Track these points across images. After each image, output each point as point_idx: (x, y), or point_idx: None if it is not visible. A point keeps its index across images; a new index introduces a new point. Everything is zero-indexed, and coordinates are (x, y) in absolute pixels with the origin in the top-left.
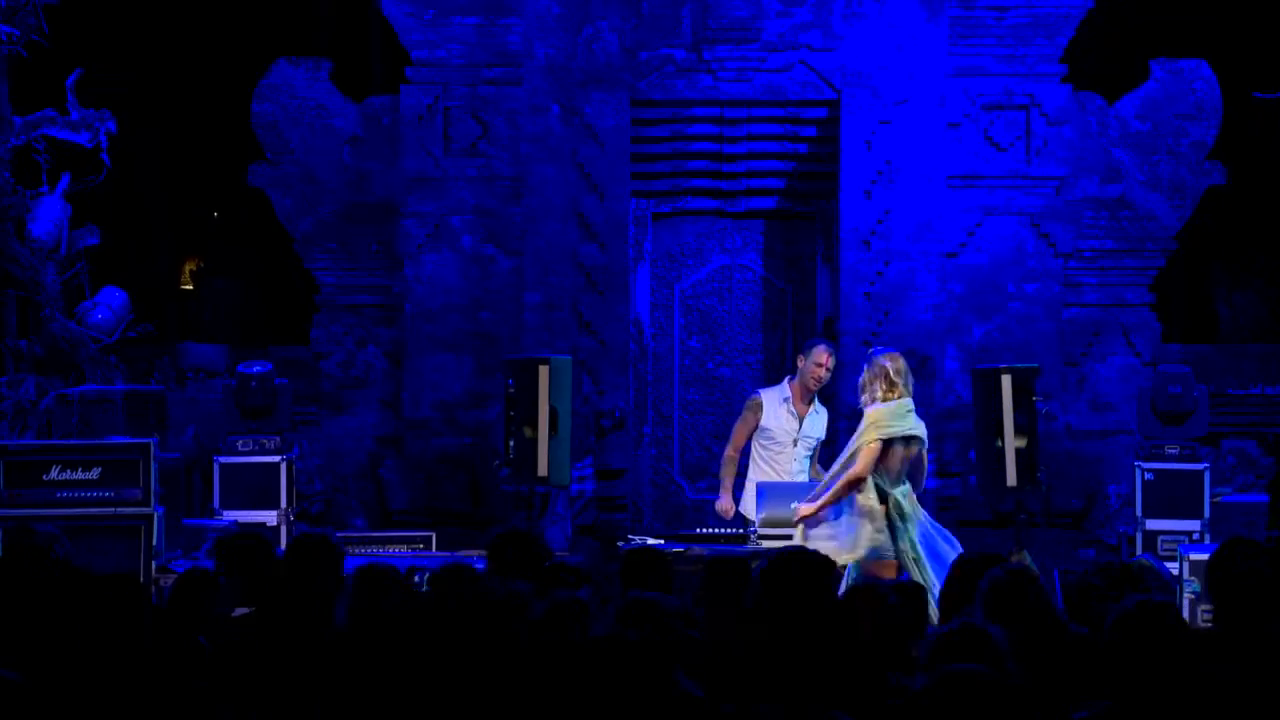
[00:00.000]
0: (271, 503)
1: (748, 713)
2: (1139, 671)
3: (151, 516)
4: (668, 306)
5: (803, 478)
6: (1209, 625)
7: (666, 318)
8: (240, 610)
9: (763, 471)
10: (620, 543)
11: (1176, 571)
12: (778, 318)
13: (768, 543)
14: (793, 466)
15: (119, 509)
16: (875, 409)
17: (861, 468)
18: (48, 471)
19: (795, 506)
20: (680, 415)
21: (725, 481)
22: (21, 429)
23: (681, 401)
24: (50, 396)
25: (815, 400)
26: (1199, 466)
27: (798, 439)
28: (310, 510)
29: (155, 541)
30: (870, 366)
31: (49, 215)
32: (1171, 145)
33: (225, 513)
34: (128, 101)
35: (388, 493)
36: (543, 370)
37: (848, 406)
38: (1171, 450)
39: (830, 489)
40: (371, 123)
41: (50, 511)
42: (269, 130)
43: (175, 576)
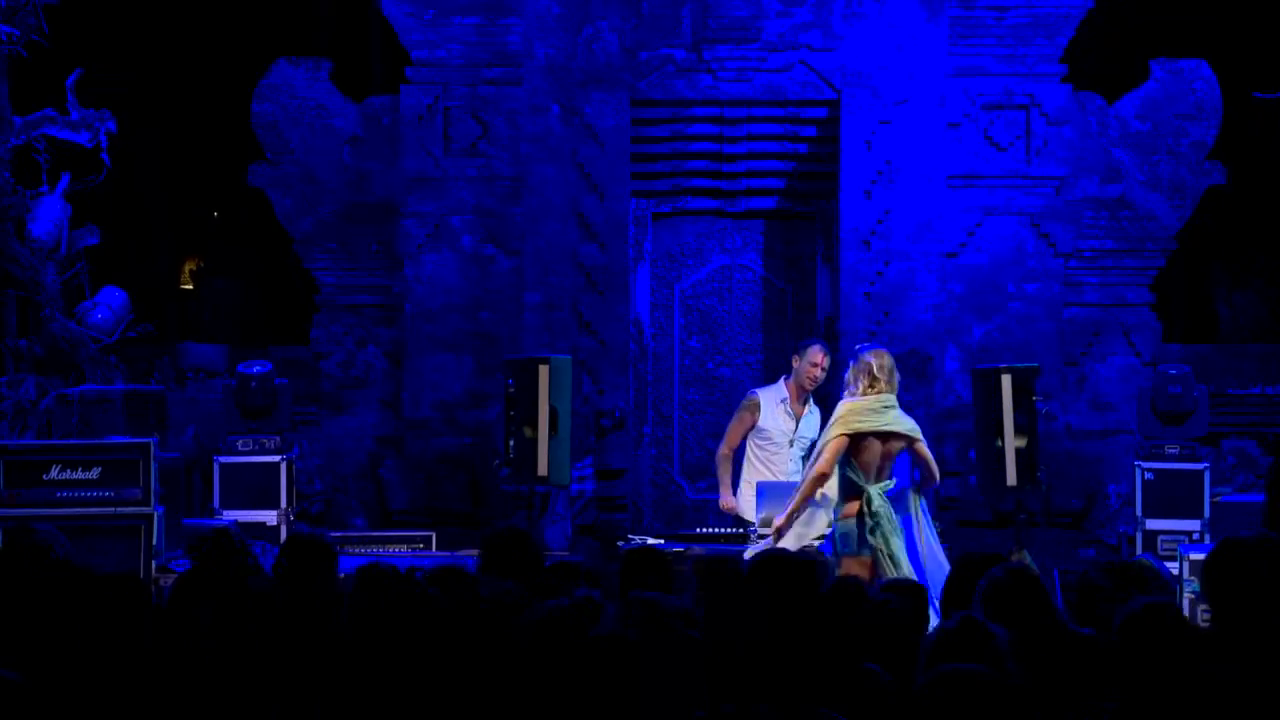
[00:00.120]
0: (271, 503)
1: (747, 713)
2: (1146, 672)
3: (151, 516)
4: (668, 306)
5: (797, 478)
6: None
7: (666, 318)
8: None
9: (758, 471)
10: (620, 543)
11: (1176, 571)
12: (778, 318)
13: (766, 542)
14: (788, 467)
15: (119, 509)
16: (844, 403)
17: (824, 463)
18: (48, 471)
19: (768, 517)
20: (680, 415)
21: (724, 479)
22: (21, 429)
23: (681, 401)
24: (50, 396)
25: (810, 400)
26: (1199, 466)
27: (794, 439)
28: (310, 510)
29: (155, 541)
30: (855, 363)
31: (49, 215)
32: (1171, 145)
33: (225, 512)
34: (128, 101)
35: (388, 493)
36: (543, 370)
37: None
38: (1171, 450)
39: (798, 490)
40: (371, 123)
41: (50, 511)
42: (269, 130)
43: (175, 576)
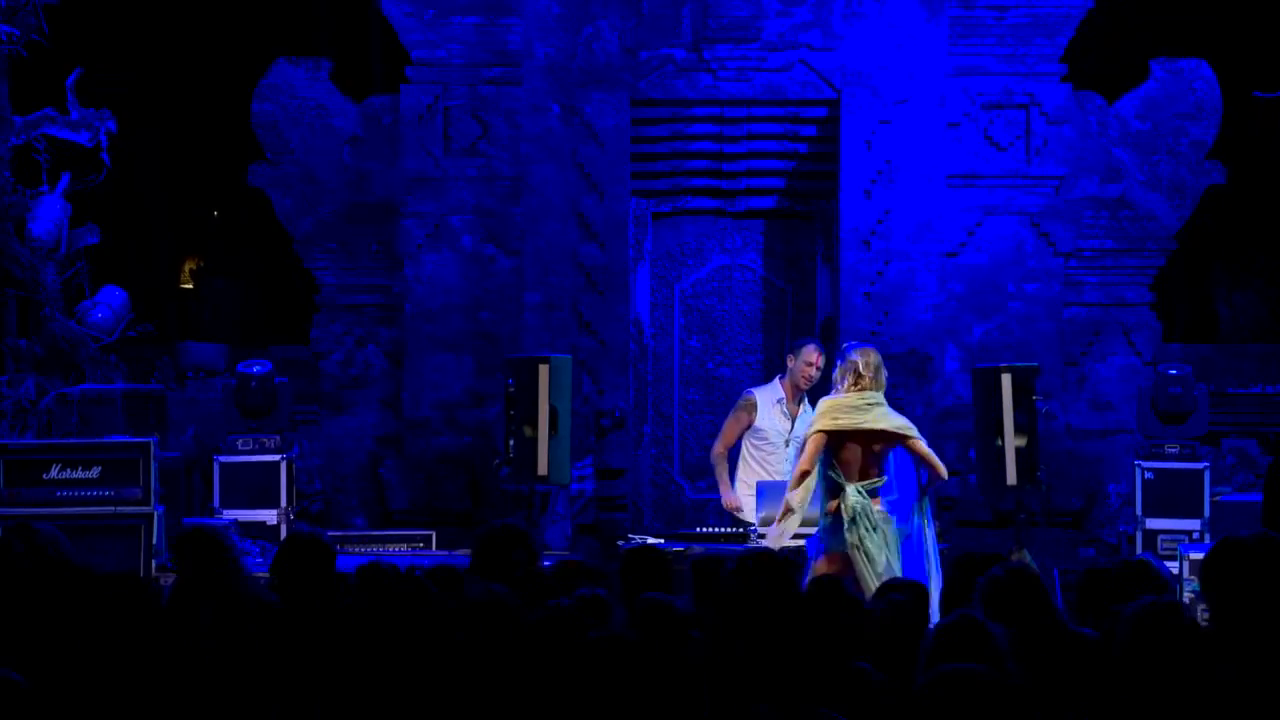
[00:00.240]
0: (271, 502)
1: (747, 713)
2: (1150, 671)
3: (151, 516)
4: (668, 306)
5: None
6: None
7: (666, 317)
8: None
9: (754, 471)
10: (620, 542)
11: (1176, 571)
12: (778, 318)
13: (765, 541)
14: (784, 467)
15: (119, 508)
16: (824, 400)
17: (804, 460)
18: (48, 470)
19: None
20: (680, 415)
21: (723, 478)
22: (21, 428)
23: (681, 401)
24: (50, 396)
25: (805, 399)
26: (1199, 466)
27: (789, 439)
28: (310, 510)
29: (155, 541)
30: (843, 361)
31: (49, 215)
32: (1171, 145)
33: (225, 512)
34: (128, 101)
35: (388, 492)
36: (543, 370)
37: None
38: (1171, 449)
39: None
40: (371, 123)
41: (50, 510)
42: (269, 130)
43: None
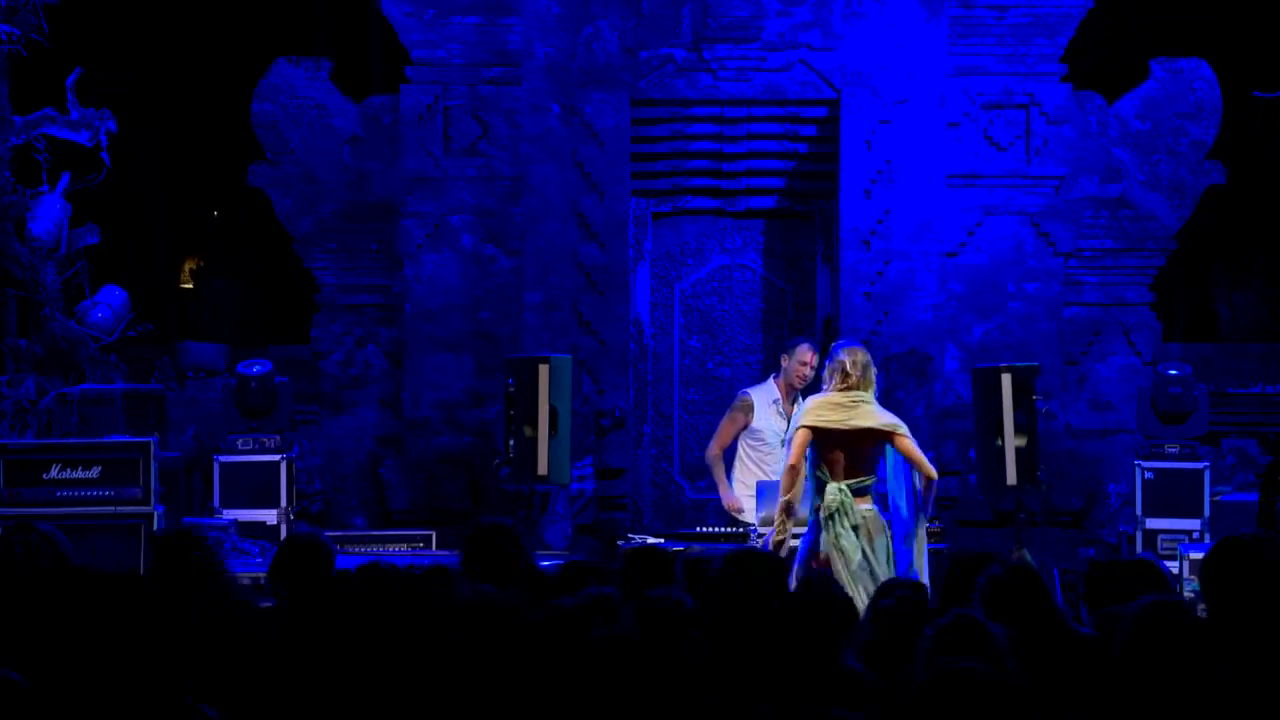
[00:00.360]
0: (271, 502)
1: (747, 712)
2: (1153, 669)
3: (151, 515)
4: (668, 306)
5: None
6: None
7: (666, 317)
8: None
9: (751, 472)
10: (620, 542)
11: (1176, 570)
12: (778, 318)
13: (770, 542)
14: (780, 466)
15: (119, 508)
16: (811, 398)
17: (791, 456)
18: (48, 470)
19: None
20: (680, 415)
21: (721, 480)
22: (21, 428)
23: (681, 401)
24: (50, 396)
25: (799, 398)
26: (1199, 466)
27: (785, 439)
28: (310, 510)
29: None
30: (830, 361)
31: (49, 214)
32: (1171, 145)
33: (225, 512)
34: (128, 101)
35: (388, 492)
36: (543, 370)
37: None
38: (1171, 449)
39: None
40: (371, 123)
41: (50, 510)
42: (269, 130)
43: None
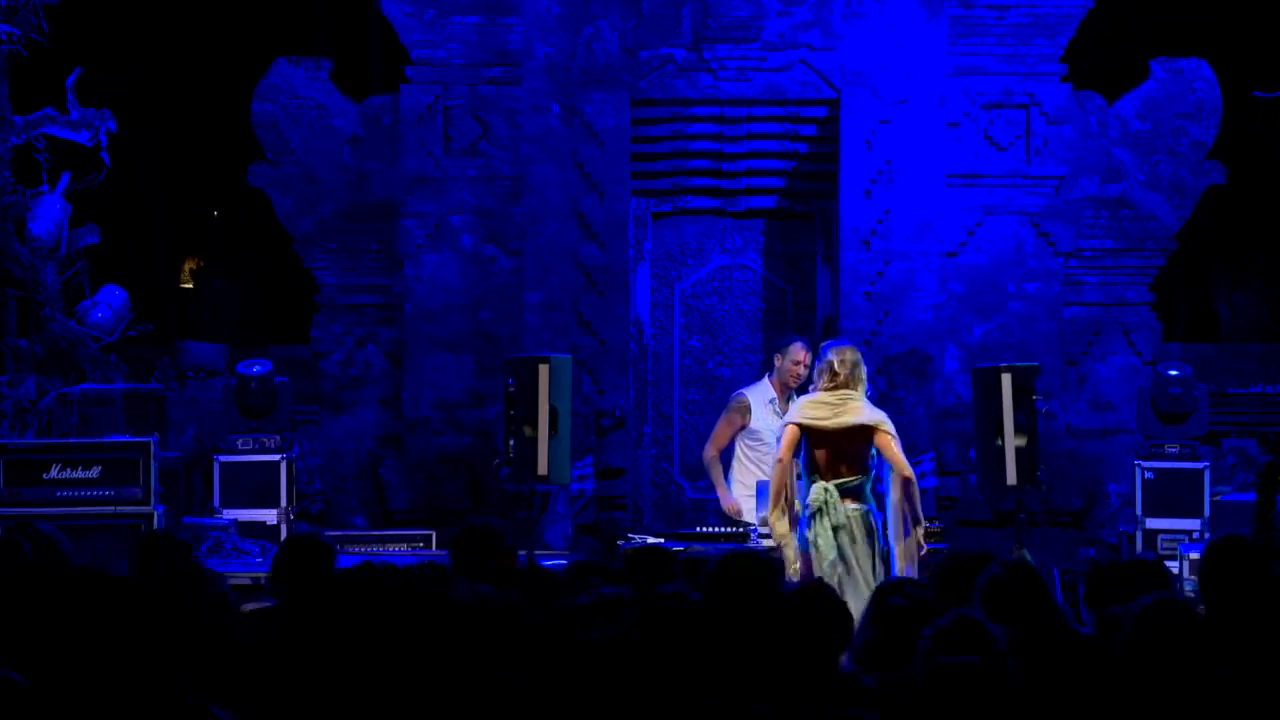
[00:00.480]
0: (271, 502)
1: (748, 712)
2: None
3: (151, 515)
4: (668, 306)
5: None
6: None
7: (666, 317)
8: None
9: (750, 472)
10: (620, 542)
11: (1176, 570)
12: (778, 317)
13: (767, 541)
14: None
15: (119, 508)
16: (801, 398)
17: (781, 451)
18: (48, 470)
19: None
20: (680, 415)
21: (719, 482)
22: (21, 428)
23: (681, 401)
24: (50, 396)
25: (794, 397)
26: (1199, 465)
27: (778, 438)
28: (310, 510)
29: None
30: (819, 361)
31: (49, 214)
32: (1171, 145)
33: (225, 511)
34: (128, 101)
35: (388, 492)
36: (543, 369)
37: None
38: (1171, 449)
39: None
40: (371, 123)
41: (50, 510)
42: (269, 130)
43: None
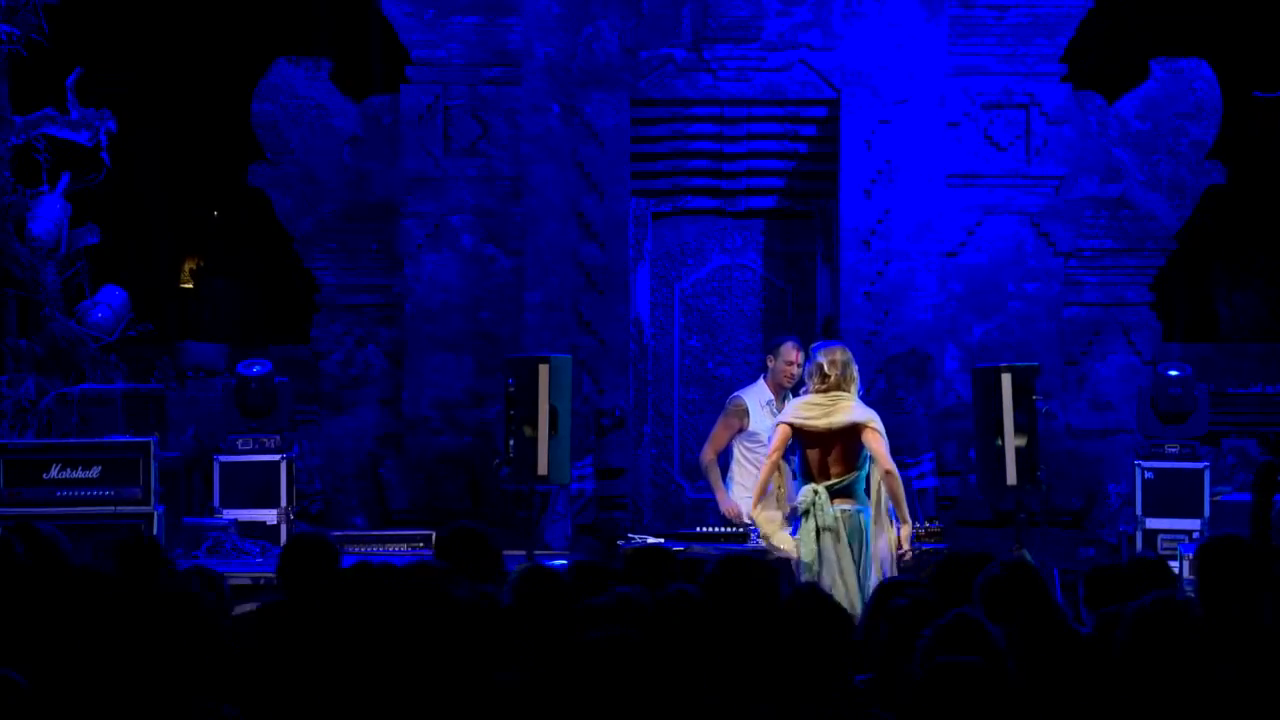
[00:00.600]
0: (271, 502)
1: (747, 713)
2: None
3: (151, 515)
4: (668, 306)
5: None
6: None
7: (666, 317)
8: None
9: (749, 473)
10: (620, 542)
11: (1177, 570)
12: (778, 317)
13: (776, 541)
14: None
15: (119, 508)
16: (794, 400)
17: (771, 451)
18: (48, 470)
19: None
20: (680, 415)
21: (718, 484)
22: (21, 428)
23: (681, 401)
24: (50, 396)
25: (789, 397)
26: (1199, 465)
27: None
28: (310, 510)
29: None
30: (809, 363)
31: (49, 214)
32: (1171, 145)
33: (225, 511)
34: (128, 101)
35: (388, 492)
36: (543, 369)
37: None
38: (1171, 449)
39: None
40: (371, 123)
41: (50, 510)
42: (269, 130)
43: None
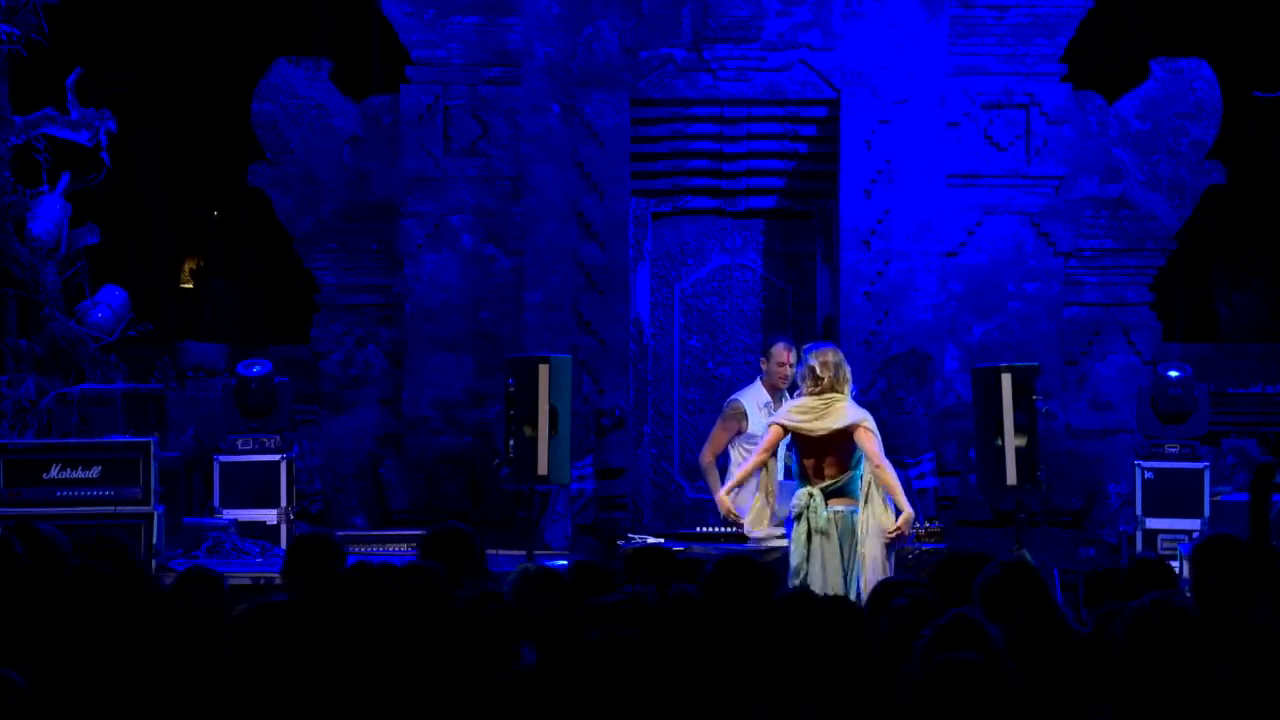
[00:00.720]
0: (271, 502)
1: (747, 713)
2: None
3: (151, 515)
4: (668, 306)
5: (782, 476)
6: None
7: (666, 317)
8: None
9: None
10: (620, 542)
11: (1176, 570)
12: (778, 317)
13: (767, 541)
14: (776, 465)
15: (119, 508)
16: (788, 403)
17: (760, 451)
18: (48, 470)
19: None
20: (680, 415)
21: (717, 486)
22: (21, 428)
23: (681, 401)
24: (50, 396)
25: (786, 397)
26: (1199, 465)
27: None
28: (310, 510)
29: (155, 540)
30: (800, 366)
31: (49, 214)
32: (1171, 145)
33: (225, 511)
34: (128, 101)
35: (388, 492)
36: (543, 369)
37: None
38: (1171, 449)
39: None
40: (371, 123)
41: (50, 510)
42: (269, 130)
43: (176, 575)
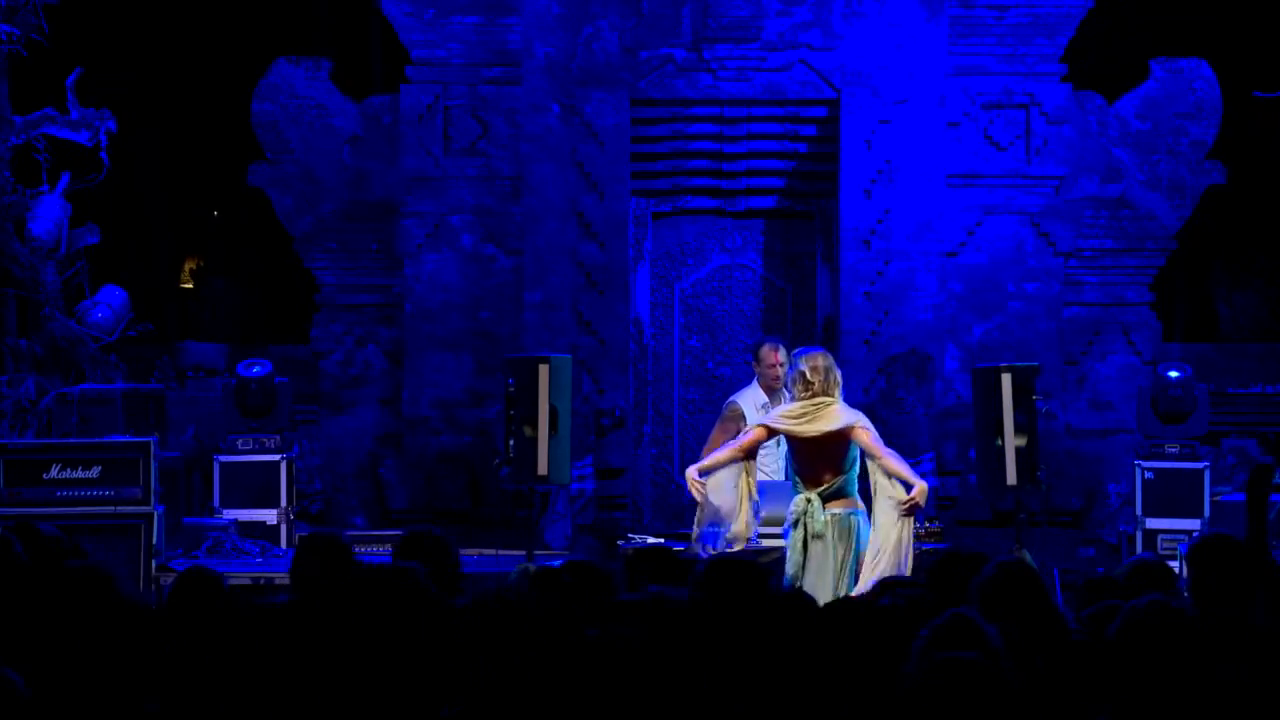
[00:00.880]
0: (271, 501)
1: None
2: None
3: (151, 515)
4: (668, 306)
5: (781, 476)
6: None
7: (666, 317)
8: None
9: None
10: (620, 542)
11: (1176, 570)
12: (778, 317)
13: (767, 541)
14: (777, 465)
15: (119, 508)
16: (779, 407)
17: (739, 443)
18: (48, 470)
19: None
20: (680, 414)
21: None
22: (21, 428)
23: (681, 401)
24: (50, 395)
25: (785, 397)
26: (1199, 465)
27: (778, 439)
28: (310, 509)
29: (155, 540)
30: (791, 371)
31: (49, 214)
32: (1171, 145)
33: (225, 511)
34: (128, 101)
35: (388, 492)
36: (542, 369)
37: None
38: (1171, 449)
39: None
40: (371, 122)
41: (50, 510)
42: (269, 130)
43: (176, 575)
